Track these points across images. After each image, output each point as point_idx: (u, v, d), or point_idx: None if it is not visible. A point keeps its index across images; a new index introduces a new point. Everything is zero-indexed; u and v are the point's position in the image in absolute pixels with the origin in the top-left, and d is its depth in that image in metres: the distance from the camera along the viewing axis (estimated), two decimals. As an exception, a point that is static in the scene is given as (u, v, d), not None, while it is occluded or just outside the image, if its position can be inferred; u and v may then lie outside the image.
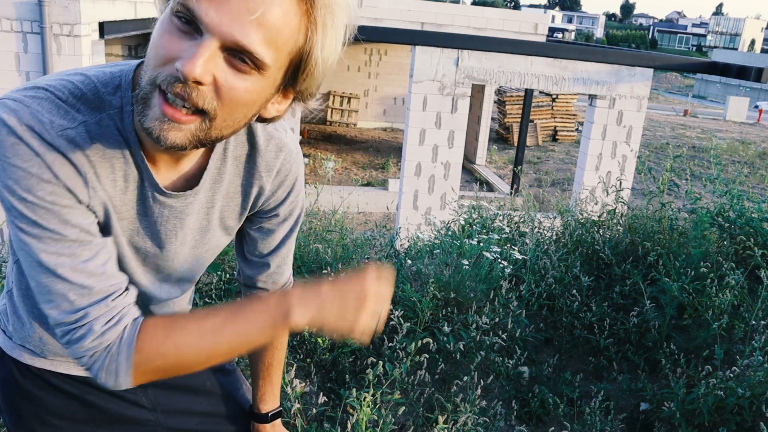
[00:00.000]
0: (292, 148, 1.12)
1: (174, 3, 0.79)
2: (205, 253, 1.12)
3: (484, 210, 3.94)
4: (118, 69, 0.94)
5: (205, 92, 0.80)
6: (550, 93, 17.48)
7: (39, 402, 1.14)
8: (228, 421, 1.31)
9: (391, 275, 1.01)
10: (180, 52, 0.79)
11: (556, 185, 13.39)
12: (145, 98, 0.82)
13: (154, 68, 0.81)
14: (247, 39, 0.78)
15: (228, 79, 0.81)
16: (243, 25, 0.78)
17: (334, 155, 14.53)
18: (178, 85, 0.79)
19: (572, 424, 2.66)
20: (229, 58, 0.80)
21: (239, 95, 0.83)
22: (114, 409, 1.19)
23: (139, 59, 0.97)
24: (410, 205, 7.96)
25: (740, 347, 2.88)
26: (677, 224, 3.52)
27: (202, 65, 0.78)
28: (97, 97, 0.90)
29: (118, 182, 0.94)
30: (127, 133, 0.92)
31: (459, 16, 14.26)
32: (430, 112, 7.66)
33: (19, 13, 7.79)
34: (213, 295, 2.99)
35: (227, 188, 1.07)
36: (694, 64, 8.88)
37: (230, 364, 1.37)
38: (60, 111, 0.87)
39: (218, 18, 0.77)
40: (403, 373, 2.48)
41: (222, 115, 0.83)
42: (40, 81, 0.91)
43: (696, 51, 78.30)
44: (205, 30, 0.78)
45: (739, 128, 23.39)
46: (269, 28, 0.79)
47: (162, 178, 0.98)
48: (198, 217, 1.05)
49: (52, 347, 1.12)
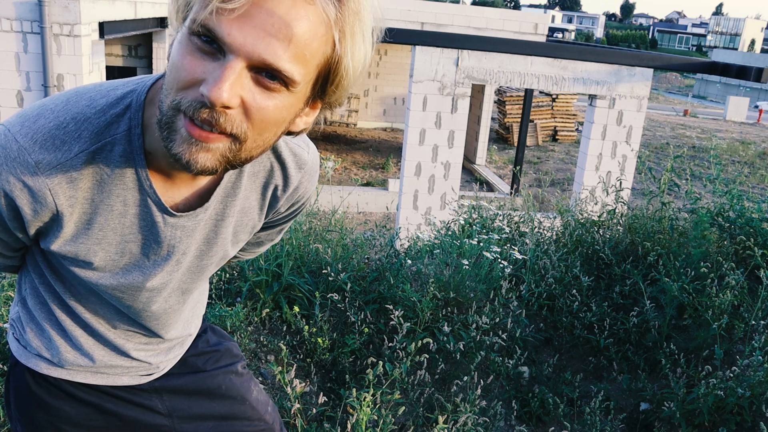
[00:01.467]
0: (312, 166, 1.10)
1: (191, 23, 0.74)
2: (209, 264, 1.11)
3: (484, 210, 3.94)
4: (129, 89, 0.91)
5: (234, 116, 0.76)
6: (550, 93, 17.48)
7: (54, 411, 1.14)
8: (242, 423, 1.31)
9: None
10: (204, 74, 0.74)
11: (556, 185, 13.39)
12: (169, 123, 0.78)
13: (176, 92, 0.77)
14: (275, 57, 0.74)
15: (257, 99, 0.76)
16: (269, 43, 0.73)
17: (334, 155, 14.53)
18: (205, 111, 0.75)
19: (572, 424, 2.66)
20: (256, 77, 0.76)
21: (269, 114, 0.78)
22: (131, 416, 1.19)
23: (141, 71, 0.95)
24: (410, 205, 7.96)
25: (740, 347, 2.88)
26: (677, 224, 3.52)
27: (229, 89, 0.73)
28: (103, 120, 0.88)
29: (116, 207, 0.93)
30: (135, 155, 0.90)
31: (459, 16, 14.26)
32: (430, 112, 7.66)
33: (19, 13, 7.78)
34: (213, 295, 2.99)
35: (243, 203, 1.05)
36: (694, 64, 8.87)
37: (243, 367, 1.36)
38: (55, 143, 0.86)
39: (242, 37, 0.72)
40: (403, 373, 2.48)
41: (252, 136, 0.80)
42: (48, 104, 0.89)
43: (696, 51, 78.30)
44: (228, 50, 0.73)
45: (739, 128, 23.39)
46: (297, 43, 0.74)
47: (175, 196, 0.96)
48: (204, 229, 1.03)
49: (69, 357, 1.11)
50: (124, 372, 1.17)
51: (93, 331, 1.10)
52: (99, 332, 1.10)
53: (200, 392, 1.26)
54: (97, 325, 1.09)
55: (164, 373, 1.23)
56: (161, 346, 1.19)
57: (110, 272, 0.99)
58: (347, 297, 2.91)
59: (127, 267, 1.00)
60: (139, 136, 0.89)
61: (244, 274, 3.05)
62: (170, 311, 1.12)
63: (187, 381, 1.26)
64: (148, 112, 0.89)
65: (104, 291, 1.02)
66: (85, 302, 1.07)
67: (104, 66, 9.80)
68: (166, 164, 0.91)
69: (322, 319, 2.84)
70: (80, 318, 1.08)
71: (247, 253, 1.32)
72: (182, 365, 1.26)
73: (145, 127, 0.90)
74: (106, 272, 0.99)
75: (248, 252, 1.31)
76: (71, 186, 0.89)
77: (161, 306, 1.09)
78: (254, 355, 2.75)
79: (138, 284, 1.02)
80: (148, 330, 1.13)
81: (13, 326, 1.15)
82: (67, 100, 0.89)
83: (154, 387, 1.22)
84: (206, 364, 1.29)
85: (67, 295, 1.05)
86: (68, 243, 0.94)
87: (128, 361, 1.15)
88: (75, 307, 1.07)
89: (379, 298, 3.01)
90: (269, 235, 1.26)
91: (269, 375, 2.63)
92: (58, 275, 1.04)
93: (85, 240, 0.95)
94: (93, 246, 0.95)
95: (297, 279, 2.99)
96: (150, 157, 0.91)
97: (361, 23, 0.79)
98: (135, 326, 1.12)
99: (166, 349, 1.20)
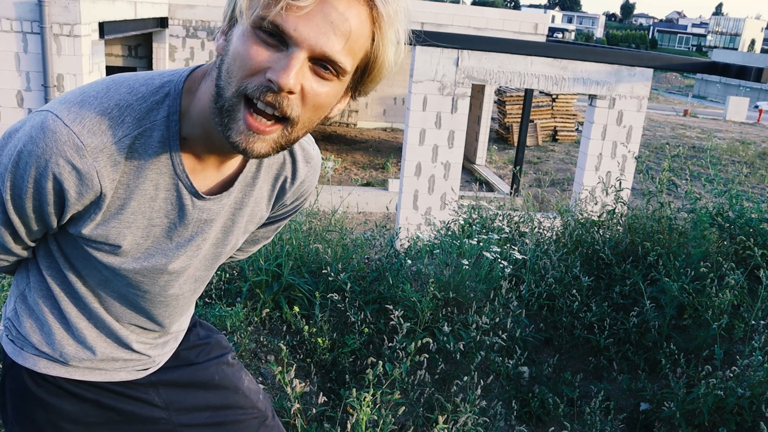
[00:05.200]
0: (317, 161, 1.18)
1: (257, 18, 0.83)
2: (222, 253, 1.15)
3: (483, 210, 3.94)
4: (167, 79, 0.97)
5: (294, 101, 0.86)
6: (550, 93, 17.48)
7: (53, 409, 1.15)
8: (236, 412, 1.34)
9: None
10: (269, 63, 0.84)
11: (556, 185, 13.39)
12: (230, 110, 0.87)
13: (241, 79, 0.85)
14: (333, 50, 0.84)
15: (313, 86, 0.86)
16: (329, 38, 0.83)
17: (334, 155, 14.52)
18: (270, 95, 0.84)
19: (572, 424, 2.66)
20: (313, 67, 0.86)
21: (321, 100, 0.88)
22: (129, 410, 1.22)
23: (181, 67, 1.01)
24: (410, 205, 7.96)
25: (740, 347, 2.88)
26: (677, 224, 3.52)
27: (295, 76, 0.83)
28: (144, 107, 0.94)
29: (148, 191, 0.98)
30: (171, 141, 0.96)
31: (459, 16, 14.26)
32: (430, 112, 7.66)
33: (19, 13, 7.78)
34: (213, 295, 2.99)
35: (258, 194, 1.11)
36: (694, 64, 8.88)
37: (233, 358, 1.39)
38: (102, 128, 0.92)
39: (306, 32, 0.82)
40: (403, 373, 2.48)
41: (303, 119, 0.89)
42: (89, 90, 0.94)
43: (696, 51, 78.29)
44: (293, 43, 0.83)
45: (739, 128, 23.38)
46: (349, 38, 0.85)
47: (203, 182, 1.03)
48: (224, 217, 1.09)
49: (70, 351, 1.13)
50: (122, 367, 1.19)
51: (99, 321, 1.12)
52: (105, 322, 1.13)
53: (195, 384, 1.30)
54: (104, 315, 1.12)
55: (159, 367, 1.27)
56: (159, 340, 1.22)
57: (133, 257, 1.03)
58: (347, 297, 2.91)
59: (150, 251, 1.04)
60: (177, 123, 0.96)
61: (244, 274, 3.05)
62: (181, 297, 1.16)
63: (182, 374, 1.29)
64: (185, 101, 0.96)
65: (124, 276, 1.05)
66: (95, 291, 1.09)
67: (104, 66, 9.80)
68: (202, 149, 0.98)
69: (322, 319, 2.84)
70: (88, 307, 1.10)
71: (242, 252, 1.35)
72: (176, 359, 1.30)
73: (182, 114, 0.96)
74: (129, 256, 1.03)
75: (243, 251, 1.34)
76: (114, 169, 0.94)
77: (176, 291, 1.13)
78: (254, 355, 2.75)
79: (161, 267, 1.06)
80: (154, 320, 1.16)
81: (7, 328, 1.16)
82: (107, 87, 0.94)
83: (150, 381, 1.25)
84: (198, 356, 1.33)
85: (78, 284, 1.08)
86: (100, 226, 0.98)
87: (128, 354, 1.18)
88: (85, 296, 1.09)
89: (379, 298, 3.01)
90: (266, 233, 1.30)
91: (269, 375, 2.63)
92: (73, 263, 1.07)
93: (116, 224, 0.99)
94: (123, 229, 0.99)
95: (297, 279, 2.99)
96: (184, 143, 0.98)
97: (396, 22, 0.89)
98: (141, 315, 1.15)
99: (163, 342, 1.24)
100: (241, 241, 1.17)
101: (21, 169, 0.91)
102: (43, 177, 0.91)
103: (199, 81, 0.96)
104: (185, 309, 1.22)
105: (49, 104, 0.94)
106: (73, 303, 1.10)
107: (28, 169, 0.91)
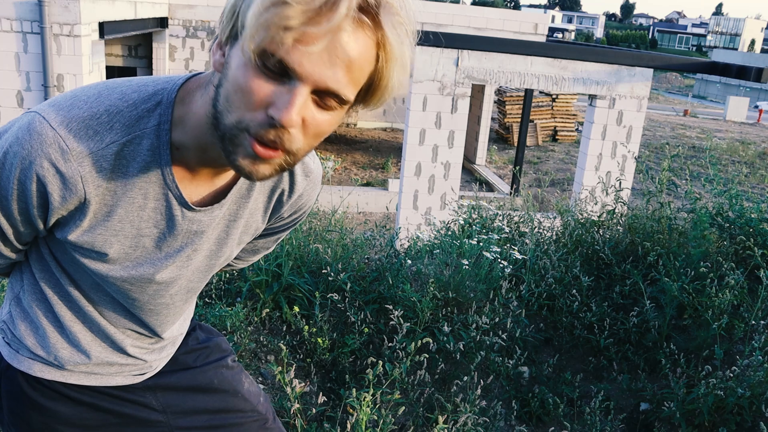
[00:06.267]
0: (317, 175, 1.16)
1: (260, 51, 0.79)
2: (216, 265, 1.14)
3: (483, 210, 3.94)
4: (160, 86, 0.95)
5: (295, 134, 0.84)
6: (550, 93, 17.48)
7: (49, 412, 1.15)
8: (236, 415, 1.33)
9: None
10: (271, 98, 0.81)
11: (556, 185, 13.39)
12: (233, 139, 0.85)
13: (242, 112, 0.83)
14: (338, 84, 0.82)
15: (315, 116, 0.84)
16: (335, 72, 0.81)
17: (334, 155, 14.52)
18: (272, 132, 0.82)
19: (572, 424, 2.66)
20: (315, 99, 0.84)
21: (323, 128, 0.87)
22: (126, 413, 1.21)
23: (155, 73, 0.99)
24: (410, 205, 7.96)
25: (740, 347, 2.88)
26: (677, 224, 3.52)
27: (298, 113, 0.81)
28: (135, 114, 0.92)
29: (136, 199, 0.96)
30: (161, 150, 0.94)
31: (459, 16, 14.26)
32: (430, 112, 7.66)
33: (19, 13, 7.78)
34: (213, 295, 3.00)
35: (253, 205, 1.09)
36: (694, 64, 8.87)
37: (233, 360, 1.38)
38: (89, 132, 0.90)
39: (311, 68, 0.79)
40: (403, 373, 2.48)
41: (304, 147, 0.88)
42: (80, 94, 0.93)
43: (696, 51, 78.29)
44: (296, 77, 0.80)
45: (739, 128, 23.38)
46: (353, 69, 0.82)
47: (194, 193, 1.01)
48: (217, 229, 1.07)
49: (65, 354, 1.12)
50: (118, 371, 1.18)
51: (93, 324, 1.11)
52: (99, 326, 1.11)
53: (193, 388, 1.29)
54: (99, 319, 1.11)
55: (156, 372, 1.26)
56: (156, 345, 1.21)
57: (121, 265, 1.02)
58: (347, 297, 2.91)
59: (139, 260, 1.02)
60: (167, 132, 0.93)
61: (244, 274, 3.05)
62: (172, 307, 1.14)
63: (180, 378, 1.28)
64: (177, 111, 0.94)
65: (112, 283, 1.04)
66: (88, 294, 1.08)
67: (104, 66, 9.80)
68: (195, 161, 0.96)
69: (322, 319, 2.84)
70: (82, 311, 1.10)
71: (242, 261, 1.34)
72: (173, 363, 1.29)
73: (174, 124, 0.94)
74: (117, 265, 1.01)
75: (242, 260, 1.34)
76: (100, 175, 0.92)
77: (166, 300, 1.11)
78: (254, 355, 2.75)
79: (148, 276, 1.04)
80: (147, 327, 1.15)
81: (2, 330, 1.15)
82: (99, 92, 0.93)
83: (147, 385, 1.24)
84: (197, 360, 1.32)
85: (71, 287, 1.07)
86: (86, 233, 0.97)
87: (124, 358, 1.17)
88: (78, 299, 1.08)
89: (379, 298, 3.01)
90: (266, 243, 1.29)
91: (269, 375, 2.63)
92: (64, 267, 1.06)
93: (103, 231, 0.97)
94: (110, 237, 0.98)
95: (297, 279, 2.99)
96: (175, 153, 0.96)
97: (400, 37, 0.84)
98: (134, 322, 1.14)
99: (160, 347, 1.23)
100: (235, 253, 1.16)
101: (7, 170, 0.90)
102: (28, 178, 0.90)
103: (193, 92, 0.94)
104: (177, 317, 1.20)
105: (39, 106, 0.92)
106: (67, 306, 1.09)
107: (13, 170, 0.90)
